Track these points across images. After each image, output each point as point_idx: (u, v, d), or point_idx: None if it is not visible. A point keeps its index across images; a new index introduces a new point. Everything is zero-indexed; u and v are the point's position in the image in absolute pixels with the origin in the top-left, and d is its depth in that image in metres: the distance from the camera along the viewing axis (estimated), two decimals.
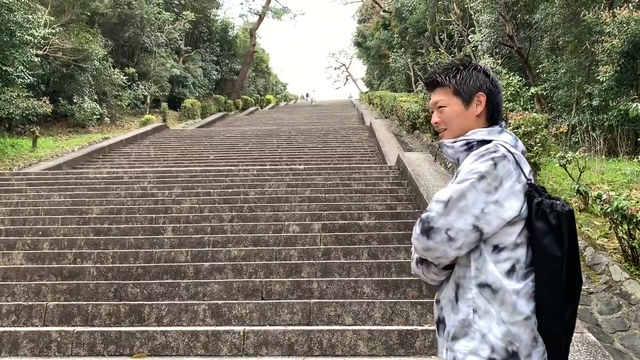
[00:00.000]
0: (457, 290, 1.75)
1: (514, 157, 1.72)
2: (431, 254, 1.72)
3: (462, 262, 1.73)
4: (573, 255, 1.68)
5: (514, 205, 1.68)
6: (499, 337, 1.64)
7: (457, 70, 1.90)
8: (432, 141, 14.01)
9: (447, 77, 1.90)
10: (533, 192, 1.71)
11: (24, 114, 16.33)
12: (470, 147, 1.81)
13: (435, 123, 1.95)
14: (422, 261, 1.81)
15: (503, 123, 1.90)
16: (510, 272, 1.68)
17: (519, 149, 1.83)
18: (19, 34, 14.55)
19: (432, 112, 1.99)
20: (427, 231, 1.68)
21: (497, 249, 1.69)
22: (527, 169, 1.76)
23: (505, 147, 1.74)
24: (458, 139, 1.84)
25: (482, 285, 1.68)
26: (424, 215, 1.72)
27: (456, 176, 1.76)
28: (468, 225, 1.66)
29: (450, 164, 10.04)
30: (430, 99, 2.02)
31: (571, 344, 3.66)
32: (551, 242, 1.65)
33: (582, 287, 5.27)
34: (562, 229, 1.66)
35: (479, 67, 1.91)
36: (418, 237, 1.71)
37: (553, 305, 1.65)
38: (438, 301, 1.83)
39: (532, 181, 1.76)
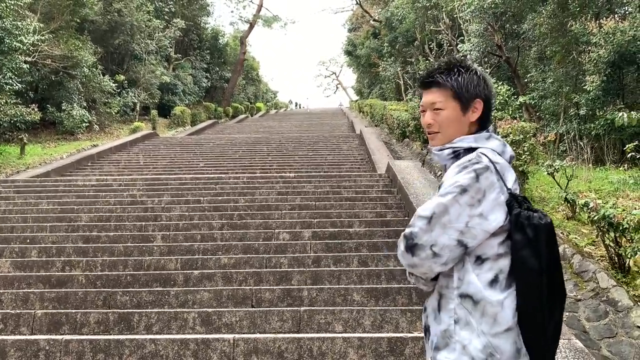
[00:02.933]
0: (440, 300, 1.73)
1: (496, 168, 1.68)
2: (417, 270, 1.70)
3: (445, 272, 1.71)
4: (553, 268, 1.64)
5: (498, 217, 1.65)
6: (479, 348, 1.61)
7: (458, 73, 1.82)
8: (421, 149, 14.08)
9: (449, 78, 1.81)
10: (513, 203, 1.67)
11: (12, 121, 16.22)
12: (457, 154, 1.78)
13: (428, 125, 1.86)
14: (411, 273, 1.79)
15: (491, 127, 1.86)
16: (494, 282, 1.65)
17: (506, 155, 1.79)
18: (7, 41, 14.47)
19: (423, 112, 1.89)
20: (412, 248, 1.65)
21: (479, 259, 1.67)
22: (511, 177, 1.72)
23: (488, 157, 1.70)
24: (445, 146, 1.81)
25: (464, 296, 1.66)
26: (407, 231, 1.68)
27: (440, 187, 1.73)
28: (452, 240, 1.63)
29: (439, 172, 10.10)
30: (420, 99, 1.92)
31: (559, 350, 3.69)
32: (528, 255, 1.62)
33: (570, 294, 5.32)
34: (540, 241, 1.62)
35: (477, 71, 1.85)
36: (403, 254, 1.69)
37: (534, 317, 1.62)
38: (425, 309, 1.81)
39: (517, 190, 1.73)
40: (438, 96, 1.82)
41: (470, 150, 1.76)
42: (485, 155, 1.71)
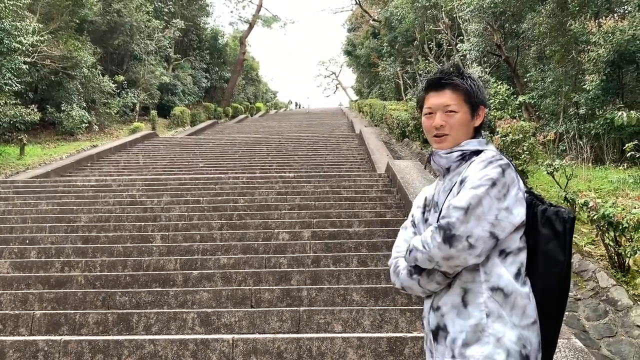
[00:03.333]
0: (464, 295, 1.71)
1: (513, 166, 1.77)
2: (451, 262, 1.68)
3: (469, 267, 1.71)
4: (570, 260, 1.74)
5: (520, 211, 1.71)
6: (513, 340, 1.63)
7: (469, 78, 1.86)
8: (421, 149, 14.07)
9: (465, 82, 1.85)
10: (535, 200, 1.77)
11: (11, 122, 16.22)
12: (464, 157, 1.82)
13: (440, 126, 1.85)
14: (420, 271, 1.76)
15: (484, 134, 1.97)
16: (517, 275, 1.71)
17: None
18: (7, 42, 14.46)
19: (429, 114, 1.89)
20: (449, 239, 1.65)
21: (504, 253, 1.71)
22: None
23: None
24: (453, 149, 1.84)
25: (494, 289, 1.68)
26: (443, 222, 1.68)
27: (461, 181, 1.75)
28: (486, 232, 1.65)
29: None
30: (420, 100, 1.95)
31: (558, 350, 3.68)
32: (555, 248, 1.69)
33: (570, 294, 5.32)
34: (567, 235, 1.70)
35: (478, 79, 1.91)
36: (439, 245, 1.66)
37: (552, 309, 1.69)
38: (438, 308, 1.77)
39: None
40: (452, 98, 1.85)
41: (477, 152, 1.81)
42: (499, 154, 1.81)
